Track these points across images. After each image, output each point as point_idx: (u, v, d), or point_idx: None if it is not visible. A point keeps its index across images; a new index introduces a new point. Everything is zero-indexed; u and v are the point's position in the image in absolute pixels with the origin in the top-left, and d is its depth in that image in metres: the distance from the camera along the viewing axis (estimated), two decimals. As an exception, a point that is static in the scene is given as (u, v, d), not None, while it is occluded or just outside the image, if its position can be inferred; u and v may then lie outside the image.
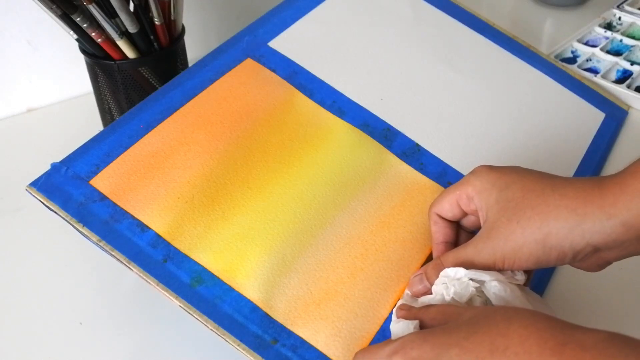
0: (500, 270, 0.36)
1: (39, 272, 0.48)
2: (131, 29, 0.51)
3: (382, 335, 0.38)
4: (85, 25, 0.49)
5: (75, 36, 0.50)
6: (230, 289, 0.38)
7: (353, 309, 0.39)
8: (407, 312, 0.37)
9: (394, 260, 0.41)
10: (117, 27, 0.50)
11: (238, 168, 0.44)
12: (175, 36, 0.55)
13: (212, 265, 0.39)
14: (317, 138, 0.47)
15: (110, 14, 0.49)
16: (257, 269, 0.39)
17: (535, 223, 0.34)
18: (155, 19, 0.51)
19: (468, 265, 0.36)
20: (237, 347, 0.36)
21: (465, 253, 0.37)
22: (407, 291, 0.40)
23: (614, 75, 0.66)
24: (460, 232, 0.41)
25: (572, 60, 0.69)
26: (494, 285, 0.35)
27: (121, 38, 0.51)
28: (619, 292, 0.45)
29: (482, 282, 0.36)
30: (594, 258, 0.35)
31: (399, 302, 0.39)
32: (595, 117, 0.58)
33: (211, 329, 0.37)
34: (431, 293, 0.38)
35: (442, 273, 0.37)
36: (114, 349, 0.42)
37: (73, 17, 0.48)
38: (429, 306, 0.36)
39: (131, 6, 0.51)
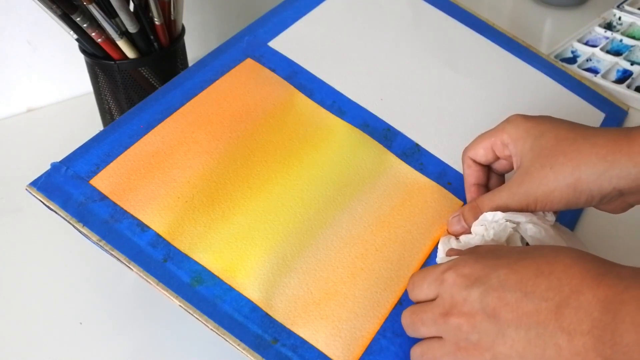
0: (532, 211, 0.39)
1: (39, 272, 0.48)
2: (131, 29, 0.51)
3: (383, 335, 0.38)
4: (85, 25, 0.49)
5: (75, 36, 0.50)
6: (230, 289, 0.38)
7: (353, 308, 0.39)
8: (458, 252, 0.39)
9: (394, 260, 0.41)
10: (117, 27, 0.50)
11: (238, 168, 0.44)
12: (175, 36, 0.55)
13: (212, 265, 0.39)
14: (317, 138, 0.47)
15: (110, 14, 0.49)
16: (257, 269, 0.39)
17: (567, 169, 0.37)
18: (155, 19, 0.51)
19: (503, 209, 0.39)
20: (237, 347, 0.36)
21: (500, 197, 0.40)
22: (447, 232, 0.43)
23: (614, 75, 0.66)
24: (491, 175, 0.44)
25: (572, 60, 0.69)
26: (529, 228, 0.38)
27: (121, 38, 0.51)
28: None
29: (518, 224, 0.39)
30: (618, 201, 0.38)
31: (442, 239, 0.42)
32: (595, 117, 0.58)
33: (211, 329, 0.37)
34: (470, 232, 0.41)
35: (480, 217, 0.40)
36: (114, 349, 0.42)
37: (73, 17, 0.48)
38: (478, 246, 0.38)
39: (131, 6, 0.51)
